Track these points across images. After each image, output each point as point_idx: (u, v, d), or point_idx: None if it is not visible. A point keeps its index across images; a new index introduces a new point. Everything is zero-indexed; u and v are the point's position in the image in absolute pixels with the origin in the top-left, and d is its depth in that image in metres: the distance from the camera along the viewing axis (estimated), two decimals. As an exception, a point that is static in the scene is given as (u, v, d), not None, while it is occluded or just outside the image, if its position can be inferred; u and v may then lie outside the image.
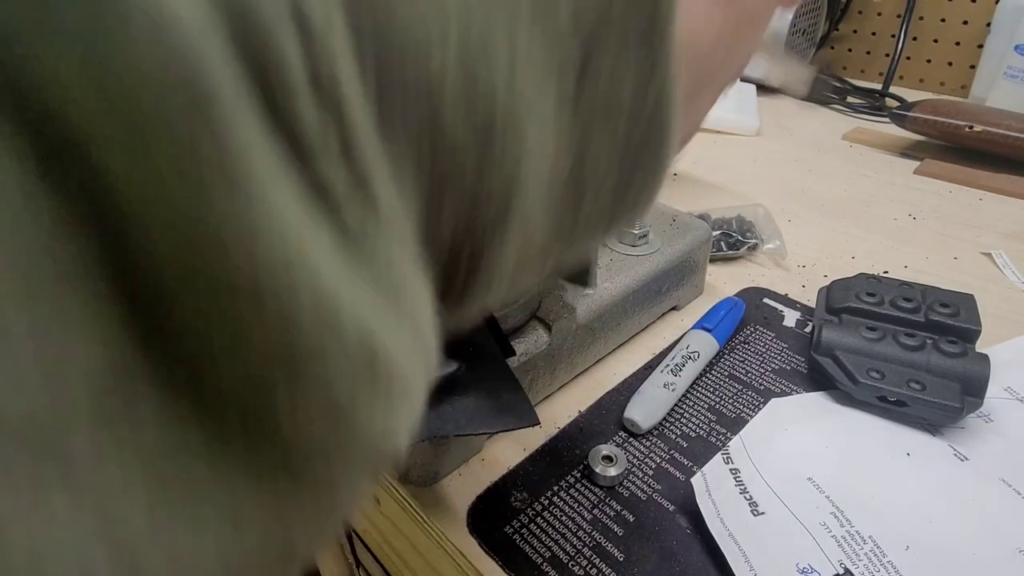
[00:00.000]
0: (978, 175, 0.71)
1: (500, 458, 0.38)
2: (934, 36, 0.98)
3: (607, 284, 0.44)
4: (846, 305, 0.43)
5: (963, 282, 0.53)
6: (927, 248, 0.59)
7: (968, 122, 0.73)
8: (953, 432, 0.38)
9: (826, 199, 0.69)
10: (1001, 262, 0.56)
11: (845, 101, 0.96)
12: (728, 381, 0.43)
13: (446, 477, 0.37)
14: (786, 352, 0.46)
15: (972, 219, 0.64)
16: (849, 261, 0.58)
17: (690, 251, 0.49)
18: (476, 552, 0.33)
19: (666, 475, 0.37)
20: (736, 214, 0.60)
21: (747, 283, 0.54)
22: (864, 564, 0.30)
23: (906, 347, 0.39)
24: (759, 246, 0.58)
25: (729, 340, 0.47)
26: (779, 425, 0.38)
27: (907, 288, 0.43)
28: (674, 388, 0.41)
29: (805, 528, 0.32)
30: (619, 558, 0.32)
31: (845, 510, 0.33)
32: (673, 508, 0.35)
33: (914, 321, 0.41)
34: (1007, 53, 0.83)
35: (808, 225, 0.64)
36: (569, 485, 0.36)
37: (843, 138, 0.85)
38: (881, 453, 0.36)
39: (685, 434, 0.39)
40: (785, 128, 0.89)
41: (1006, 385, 0.41)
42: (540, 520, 0.34)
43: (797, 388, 0.42)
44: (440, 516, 0.35)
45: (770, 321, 0.49)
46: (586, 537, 0.33)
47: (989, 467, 0.35)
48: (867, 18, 1.05)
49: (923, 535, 0.32)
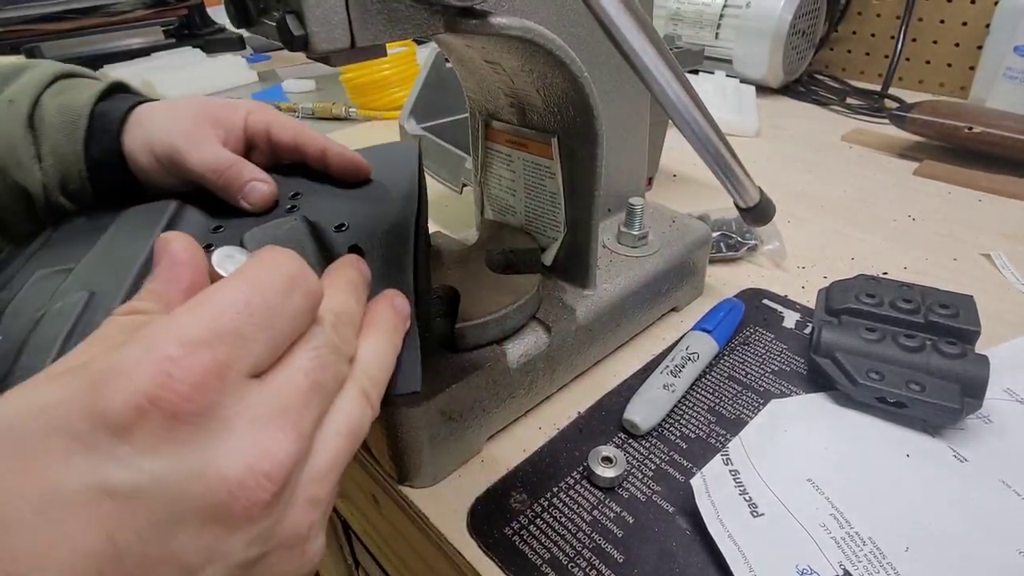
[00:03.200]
0: (977, 176, 0.72)
1: (500, 459, 0.38)
2: (933, 37, 0.98)
3: (607, 285, 0.44)
4: (845, 306, 0.43)
5: (962, 283, 0.53)
6: (926, 249, 0.59)
7: (967, 123, 0.73)
8: (952, 433, 0.38)
9: (825, 200, 0.69)
10: (1000, 263, 0.56)
11: (844, 102, 0.96)
12: (728, 382, 0.43)
13: (446, 478, 0.37)
14: (786, 353, 0.46)
15: (971, 220, 0.64)
16: (848, 262, 0.58)
17: (689, 252, 0.49)
18: (476, 554, 0.33)
19: (666, 476, 0.37)
20: (735, 215, 0.60)
21: (746, 284, 0.54)
22: (864, 565, 0.30)
23: (905, 348, 0.39)
24: (758, 247, 0.58)
25: (729, 341, 0.47)
26: (779, 426, 0.38)
27: (906, 289, 0.43)
28: (674, 389, 0.41)
29: (805, 529, 0.32)
30: (619, 559, 0.32)
31: (845, 511, 0.33)
32: (673, 509, 0.35)
33: (913, 322, 0.41)
34: (1006, 54, 0.83)
35: (807, 226, 0.64)
36: (569, 486, 0.36)
37: (842, 139, 0.85)
38: (881, 454, 0.36)
39: (685, 435, 0.39)
40: (784, 129, 0.89)
41: (1005, 386, 0.41)
42: (540, 521, 0.34)
43: (797, 389, 0.42)
44: (440, 517, 0.35)
45: (769, 322, 0.49)
46: (586, 538, 0.33)
47: (988, 468, 0.35)
48: (866, 20, 1.05)
49: (923, 536, 0.32)
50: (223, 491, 0.17)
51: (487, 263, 0.41)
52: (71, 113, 0.37)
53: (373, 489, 0.42)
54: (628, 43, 0.28)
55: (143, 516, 0.16)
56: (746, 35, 0.95)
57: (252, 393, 0.19)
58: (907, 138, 0.80)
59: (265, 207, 0.36)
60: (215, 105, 0.39)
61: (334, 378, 0.21)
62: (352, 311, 0.23)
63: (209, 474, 0.17)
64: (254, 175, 0.36)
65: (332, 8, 0.24)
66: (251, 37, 1.40)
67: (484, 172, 0.46)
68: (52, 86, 0.38)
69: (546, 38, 0.33)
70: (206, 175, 0.36)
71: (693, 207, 0.61)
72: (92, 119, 0.37)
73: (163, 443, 0.17)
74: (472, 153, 0.46)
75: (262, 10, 0.26)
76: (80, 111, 0.37)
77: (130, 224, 0.36)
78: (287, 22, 0.24)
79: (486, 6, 0.29)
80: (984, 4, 0.92)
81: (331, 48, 0.25)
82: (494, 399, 0.38)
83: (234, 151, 0.38)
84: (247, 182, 0.36)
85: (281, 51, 1.41)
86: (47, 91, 0.38)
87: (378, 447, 0.37)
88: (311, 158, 0.38)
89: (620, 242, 0.48)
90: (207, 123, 0.38)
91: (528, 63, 0.36)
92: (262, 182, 0.36)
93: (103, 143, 0.37)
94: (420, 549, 0.39)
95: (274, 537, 0.19)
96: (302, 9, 0.23)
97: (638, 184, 0.52)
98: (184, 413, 0.17)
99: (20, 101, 0.37)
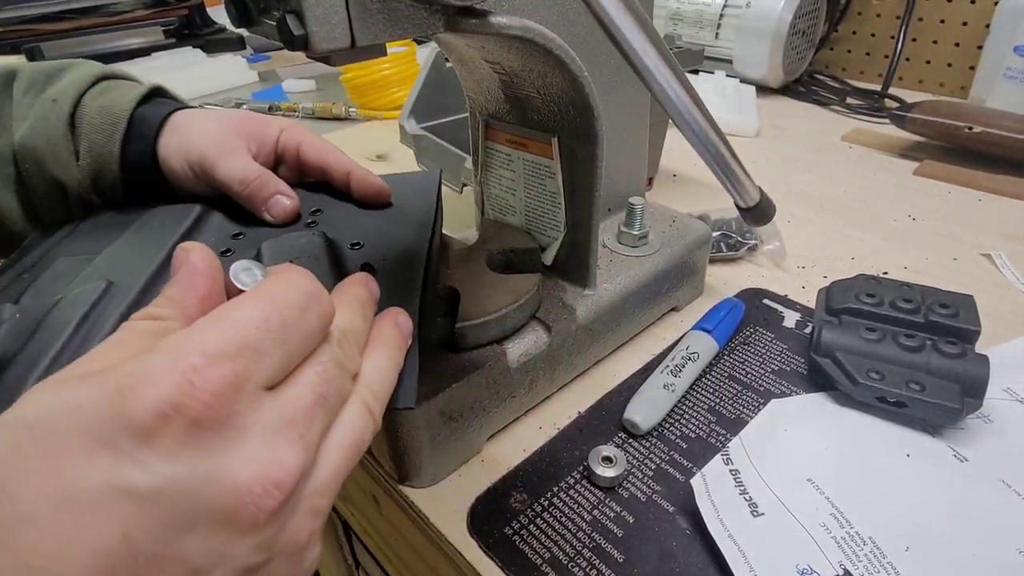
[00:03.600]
0: (977, 176, 0.72)
1: (500, 459, 0.38)
2: (933, 37, 0.98)
3: (607, 285, 0.44)
4: (846, 306, 0.43)
5: (962, 283, 0.53)
6: (926, 249, 0.59)
7: (967, 123, 0.73)
8: (952, 433, 0.38)
9: (825, 200, 0.69)
10: (1000, 263, 0.56)
11: (844, 102, 0.96)
12: (728, 382, 0.43)
13: (446, 478, 0.37)
14: (786, 353, 0.46)
15: (971, 220, 0.64)
16: (848, 262, 0.58)
17: (690, 252, 0.49)
18: (476, 553, 0.33)
19: (666, 476, 0.37)
20: (735, 215, 0.60)
21: (746, 284, 0.54)
22: (864, 565, 0.30)
23: (906, 348, 0.39)
24: (759, 247, 0.58)
25: (729, 341, 0.47)
26: (779, 426, 0.38)
27: (907, 289, 0.43)
28: (674, 389, 0.41)
29: (805, 529, 0.32)
30: (619, 559, 0.32)
31: (845, 511, 0.33)
32: (673, 509, 0.35)
33: (914, 322, 0.41)
34: (1006, 54, 0.83)
35: (807, 226, 0.64)
36: (569, 486, 0.36)
37: (842, 139, 0.85)
38: (881, 454, 0.36)
39: (685, 435, 0.39)
40: (784, 129, 0.89)
41: (1006, 386, 0.41)
42: (540, 521, 0.34)
43: (797, 389, 0.42)
44: (440, 517, 0.35)
45: (770, 322, 0.49)
46: (586, 538, 0.33)
47: (989, 468, 0.35)
48: (866, 20, 1.05)
49: (923, 536, 0.32)
50: (234, 496, 0.18)
51: (487, 263, 0.41)
52: (111, 116, 0.38)
53: (373, 489, 0.42)
54: (628, 43, 0.28)
55: (159, 517, 0.17)
56: (746, 35, 0.95)
57: (265, 405, 0.19)
58: (907, 138, 0.80)
59: (286, 220, 0.38)
60: (252, 119, 0.41)
61: (338, 392, 0.22)
62: (357, 328, 0.24)
63: (223, 479, 0.18)
64: (279, 189, 0.38)
65: (332, 8, 0.24)
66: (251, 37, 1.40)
67: (484, 172, 0.46)
68: (94, 87, 0.40)
69: (546, 38, 0.33)
70: (233, 185, 0.37)
71: (693, 207, 0.61)
72: (131, 123, 0.39)
73: (183, 448, 0.17)
74: (472, 153, 0.46)
75: (262, 10, 0.26)
76: (120, 114, 0.38)
77: (155, 223, 0.37)
78: (287, 22, 0.24)
79: (486, 6, 0.29)
80: (984, 4, 0.92)
81: (331, 48, 0.25)
82: (494, 399, 0.38)
83: (263, 164, 0.39)
84: (271, 195, 0.37)
85: (281, 51, 1.41)
86: (89, 92, 0.39)
87: (378, 447, 0.37)
88: (336, 179, 0.40)
89: (620, 242, 0.48)
90: (241, 135, 0.39)
91: (528, 63, 0.36)
92: (286, 196, 0.38)
93: (139, 146, 0.39)
94: (420, 549, 0.39)
95: (277, 544, 0.19)
96: (302, 9, 0.23)
97: (638, 184, 0.52)
98: (205, 420, 0.18)
99: (63, 101, 0.38)
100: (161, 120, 0.39)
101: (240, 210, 0.38)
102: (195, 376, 0.18)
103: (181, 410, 0.17)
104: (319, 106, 0.98)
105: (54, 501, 0.16)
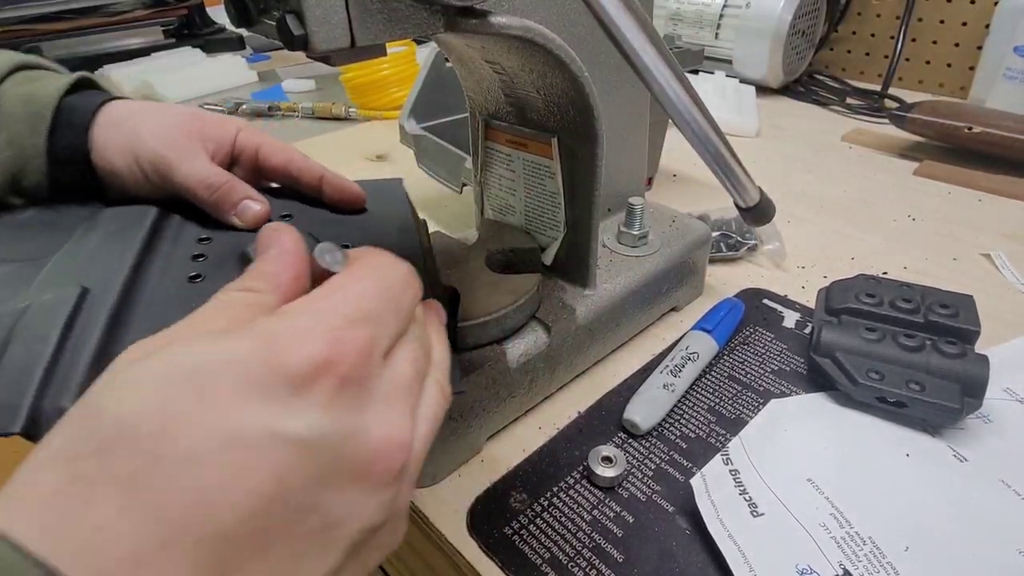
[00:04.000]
0: (977, 176, 0.72)
1: (500, 459, 0.38)
2: (933, 38, 0.98)
3: (606, 285, 0.44)
4: (845, 306, 0.43)
5: (962, 283, 0.53)
6: (926, 249, 0.59)
7: (967, 123, 0.73)
8: (952, 433, 0.38)
9: (825, 200, 0.69)
10: (1000, 263, 0.56)
11: (844, 102, 0.96)
12: (727, 382, 0.43)
13: (446, 478, 0.37)
14: (785, 353, 0.46)
15: (971, 220, 0.64)
16: (848, 262, 0.58)
17: (689, 252, 0.49)
18: (476, 553, 0.33)
19: (665, 476, 0.37)
20: (735, 215, 0.60)
21: (746, 284, 0.54)
22: (863, 565, 0.30)
23: (905, 348, 0.39)
24: (758, 247, 0.58)
25: (728, 341, 0.47)
26: (779, 426, 0.38)
27: (906, 289, 0.43)
28: (673, 389, 0.41)
29: (805, 529, 0.32)
30: (618, 559, 0.32)
31: (845, 511, 0.33)
32: (673, 509, 0.35)
33: (913, 322, 0.41)
34: (1006, 54, 0.83)
35: (807, 226, 0.64)
36: (568, 486, 0.36)
37: (842, 139, 0.85)
38: (881, 454, 0.36)
39: (684, 435, 0.39)
40: (784, 129, 0.89)
41: (1005, 386, 0.41)
42: (540, 521, 0.34)
43: (796, 389, 0.42)
44: (440, 517, 0.35)
45: (769, 322, 0.49)
46: (585, 538, 0.33)
47: (988, 468, 0.35)
48: (866, 20, 1.05)
49: (922, 536, 0.32)
50: (370, 452, 0.19)
51: (487, 263, 0.41)
52: (35, 104, 0.35)
53: (373, 489, 0.42)
54: (628, 43, 0.28)
55: (310, 466, 0.18)
56: (746, 35, 0.95)
57: (385, 372, 0.21)
58: (907, 138, 0.80)
59: (256, 226, 0.35)
60: (205, 117, 0.38)
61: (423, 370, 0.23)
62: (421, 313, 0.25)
63: (359, 436, 0.19)
64: (248, 194, 0.36)
65: (332, 8, 0.24)
66: (251, 37, 1.40)
67: (484, 172, 0.46)
68: (14, 75, 0.36)
69: (546, 38, 0.33)
70: (197, 190, 0.35)
71: (693, 207, 0.61)
72: (59, 112, 0.35)
73: (332, 402, 0.18)
74: (472, 153, 0.46)
75: (262, 10, 0.26)
76: (47, 103, 0.35)
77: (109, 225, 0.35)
78: (287, 22, 0.24)
79: (486, 6, 0.29)
80: (984, 4, 0.92)
81: (331, 48, 0.25)
82: (494, 399, 0.38)
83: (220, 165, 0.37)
84: (241, 200, 0.36)
85: (281, 51, 1.41)
86: (8, 80, 0.36)
87: (378, 447, 0.37)
88: (306, 183, 0.38)
89: (620, 242, 0.48)
90: (196, 135, 0.37)
91: (528, 63, 0.36)
92: (255, 201, 0.36)
93: (68, 138, 0.35)
94: (420, 549, 0.39)
95: (394, 506, 0.20)
96: (302, 9, 0.23)
97: (638, 184, 0.52)
98: (352, 378, 0.19)
99: None
100: (93, 110, 0.36)
101: (197, 212, 0.36)
102: (343, 335, 0.19)
103: (331, 367, 0.18)
104: (319, 106, 0.98)
105: (216, 442, 0.17)
